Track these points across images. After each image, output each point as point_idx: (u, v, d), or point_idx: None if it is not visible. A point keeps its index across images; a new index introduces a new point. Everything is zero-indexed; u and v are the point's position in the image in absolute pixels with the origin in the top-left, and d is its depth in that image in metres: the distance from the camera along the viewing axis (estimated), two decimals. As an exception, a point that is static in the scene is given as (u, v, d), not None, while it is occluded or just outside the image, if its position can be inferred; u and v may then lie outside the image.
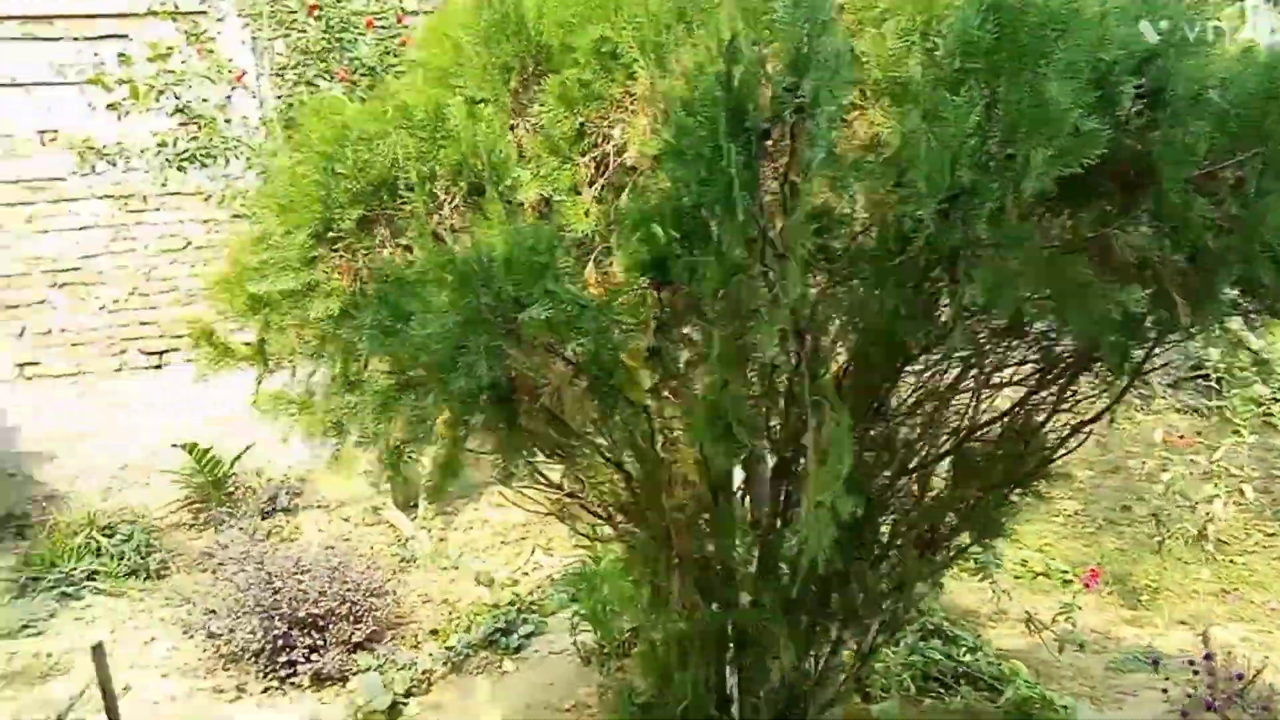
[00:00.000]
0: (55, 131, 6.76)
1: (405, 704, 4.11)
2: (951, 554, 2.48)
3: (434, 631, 4.91)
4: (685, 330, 1.62)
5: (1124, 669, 4.30)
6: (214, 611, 4.59)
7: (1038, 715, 3.43)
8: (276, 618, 4.29)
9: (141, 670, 4.75)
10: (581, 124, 1.93)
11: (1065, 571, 5.13)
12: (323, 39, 5.74)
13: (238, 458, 6.92)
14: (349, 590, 4.49)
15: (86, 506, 6.50)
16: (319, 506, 7.30)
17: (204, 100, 5.71)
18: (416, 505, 6.70)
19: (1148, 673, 4.19)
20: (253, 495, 6.97)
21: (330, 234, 1.81)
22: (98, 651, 3.15)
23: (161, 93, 5.54)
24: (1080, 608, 4.45)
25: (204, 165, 5.91)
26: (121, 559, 6.01)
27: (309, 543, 6.02)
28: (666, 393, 1.69)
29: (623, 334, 1.52)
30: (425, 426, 1.73)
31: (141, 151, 5.84)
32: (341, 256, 1.81)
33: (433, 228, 1.75)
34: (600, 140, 1.98)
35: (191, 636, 4.67)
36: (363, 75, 5.86)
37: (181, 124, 6.68)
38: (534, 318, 1.37)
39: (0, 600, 5.71)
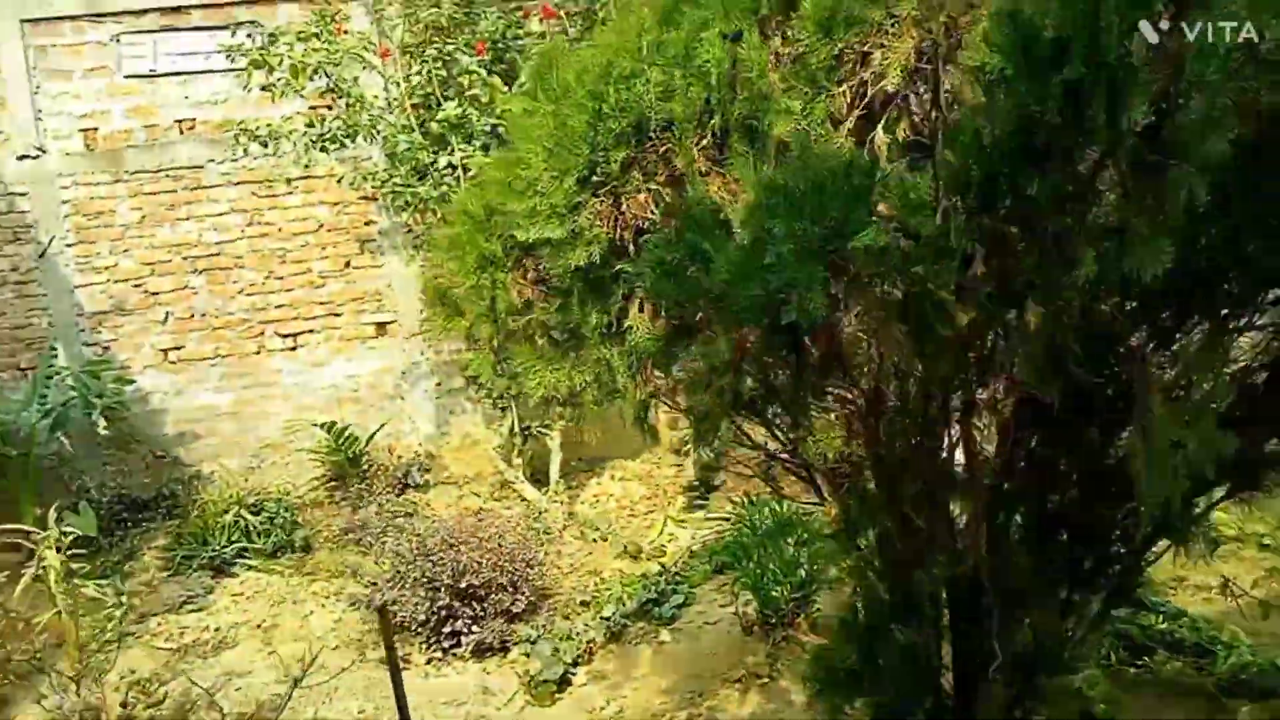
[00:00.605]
0: (193, 120, 6.96)
1: (574, 674, 4.10)
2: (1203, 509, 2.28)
3: (584, 602, 4.89)
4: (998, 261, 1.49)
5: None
6: (375, 584, 4.66)
7: (1261, 683, 3.20)
8: (441, 589, 4.31)
9: (305, 644, 4.86)
10: (840, 50, 1.81)
11: (1264, 535, 4.80)
12: (454, 12, 5.72)
13: (373, 435, 7.05)
14: (505, 561, 4.49)
15: (230, 485, 6.71)
16: (448, 482, 7.40)
17: (353, 79, 5.77)
18: (546, 479, 6.70)
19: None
20: (385, 473, 7.09)
21: (594, 178, 1.73)
22: (383, 614, 3.15)
23: (316, 71, 5.59)
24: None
25: (343, 146, 5.99)
26: (269, 536, 6.17)
27: (445, 517, 6.10)
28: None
29: (939, 266, 1.40)
30: (706, 373, 1.64)
31: (290, 133, 5.95)
32: (603, 202, 1.74)
33: (697, 166, 1.66)
34: (857, 67, 1.86)
35: (357, 609, 4.75)
36: (488, 48, 5.85)
37: (312, 107, 6.81)
38: (862, 246, 1.26)
39: (159, 577, 5.94)
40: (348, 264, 7.18)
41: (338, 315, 7.22)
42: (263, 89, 5.93)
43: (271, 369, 7.16)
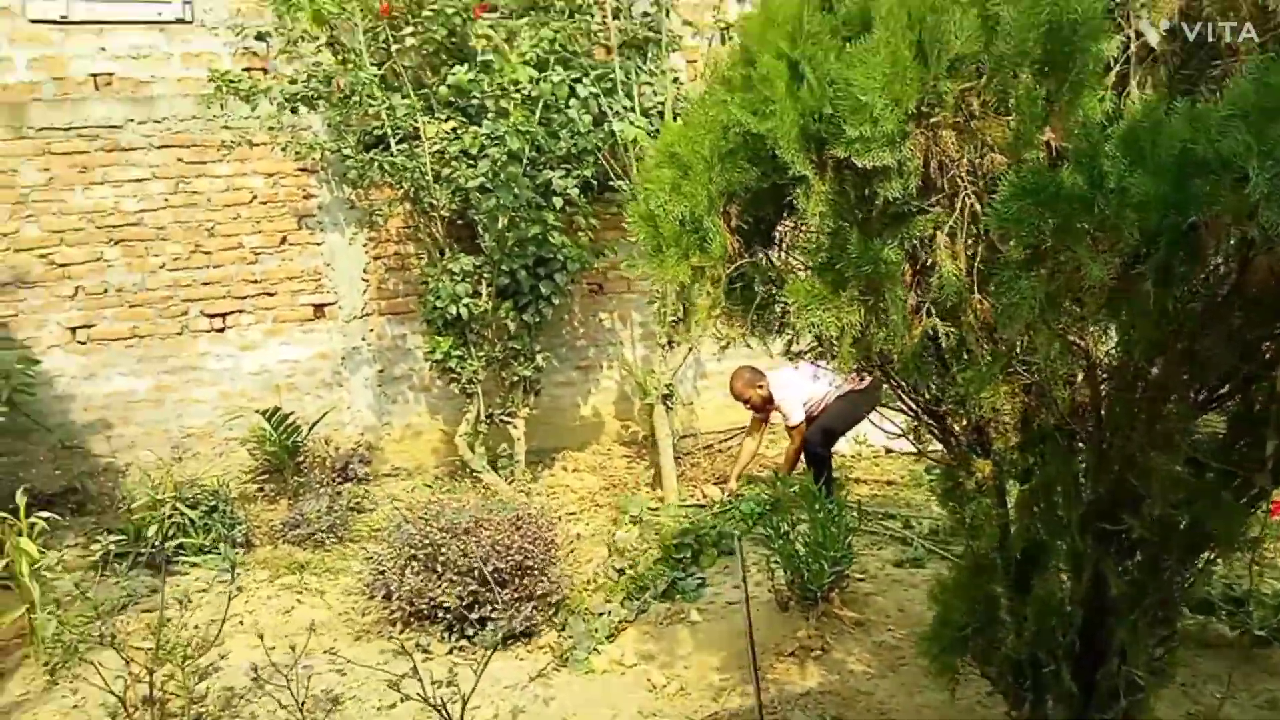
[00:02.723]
0: (110, 75, 6.30)
1: (623, 653, 4.01)
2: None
3: (594, 587, 4.79)
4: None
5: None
6: (383, 573, 4.38)
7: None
8: (466, 574, 4.11)
9: (297, 638, 4.50)
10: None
11: None
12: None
13: (315, 424, 6.60)
14: (528, 544, 4.33)
15: (150, 477, 6.10)
16: (390, 475, 7.04)
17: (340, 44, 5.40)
18: (509, 468, 6.50)
19: None
20: (323, 465, 6.66)
21: (924, 109, 1.73)
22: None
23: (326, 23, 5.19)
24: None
25: (312, 109, 5.60)
26: (208, 531, 5.66)
27: (393, 510, 5.80)
28: None
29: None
30: (1062, 300, 1.67)
31: (266, 90, 5.49)
32: (927, 135, 1.74)
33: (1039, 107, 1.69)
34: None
35: (372, 598, 4.44)
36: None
37: (246, 69, 6.34)
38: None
39: (89, 577, 5.32)
40: (284, 240, 6.71)
41: (271, 295, 6.73)
42: (258, 38, 5.45)
43: (196, 352, 6.58)
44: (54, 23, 6.14)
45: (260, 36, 5.86)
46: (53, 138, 6.16)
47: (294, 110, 5.61)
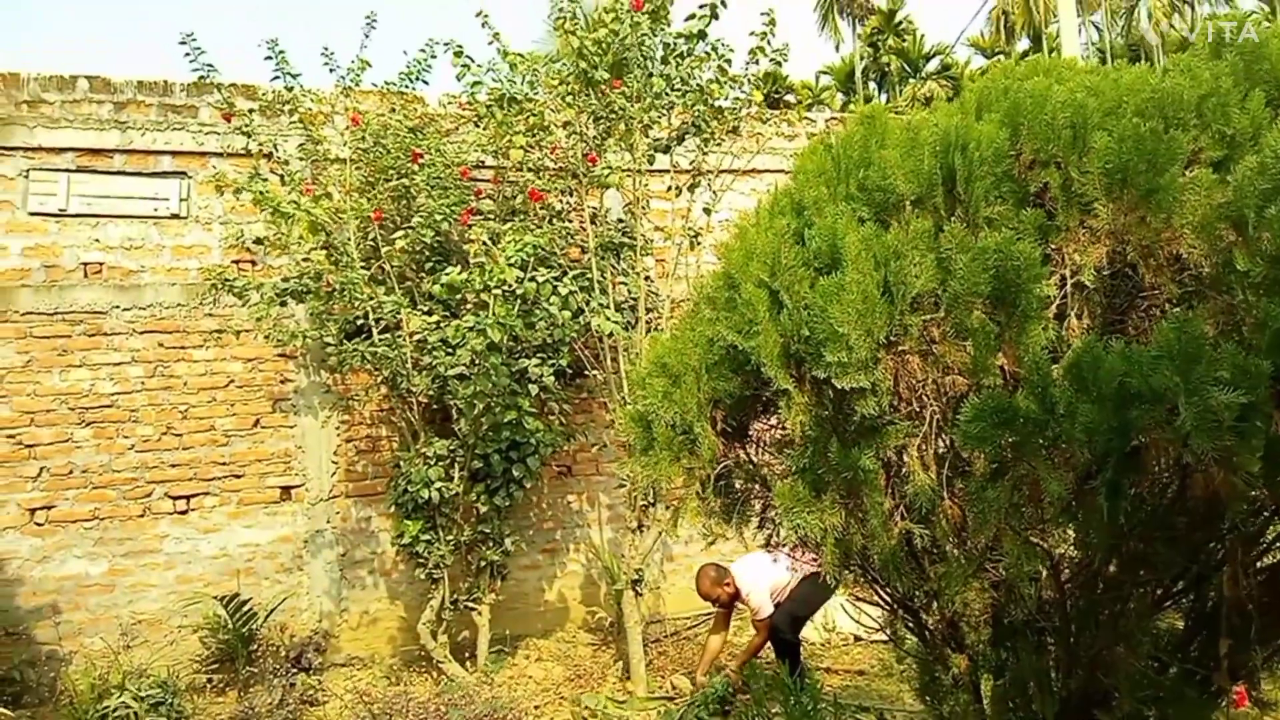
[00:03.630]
0: (100, 264, 6.54)
1: None
2: None
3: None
4: None
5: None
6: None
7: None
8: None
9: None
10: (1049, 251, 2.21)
11: None
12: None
13: (272, 611, 6.43)
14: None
15: (93, 666, 5.85)
16: (343, 665, 6.81)
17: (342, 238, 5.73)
18: (473, 657, 6.34)
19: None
20: (276, 654, 6.44)
21: (892, 339, 1.97)
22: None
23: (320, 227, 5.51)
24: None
25: (300, 302, 5.85)
26: (153, 727, 5.39)
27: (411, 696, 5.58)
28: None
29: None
30: (1024, 508, 1.85)
31: (259, 286, 5.74)
32: (896, 360, 1.97)
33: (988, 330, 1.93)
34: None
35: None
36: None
37: (235, 261, 6.65)
38: None
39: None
40: (257, 422, 6.78)
41: (239, 477, 6.71)
42: (257, 242, 5.75)
43: (155, 534, 6.47)
44: (52, 215, 6.43)
45: (259, 241, 6.20)
46: (36, 322, 6.30)
47: (283, 303, 5.85)
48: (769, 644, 5.80)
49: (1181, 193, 1.97)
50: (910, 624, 2.84)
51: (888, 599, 2.86)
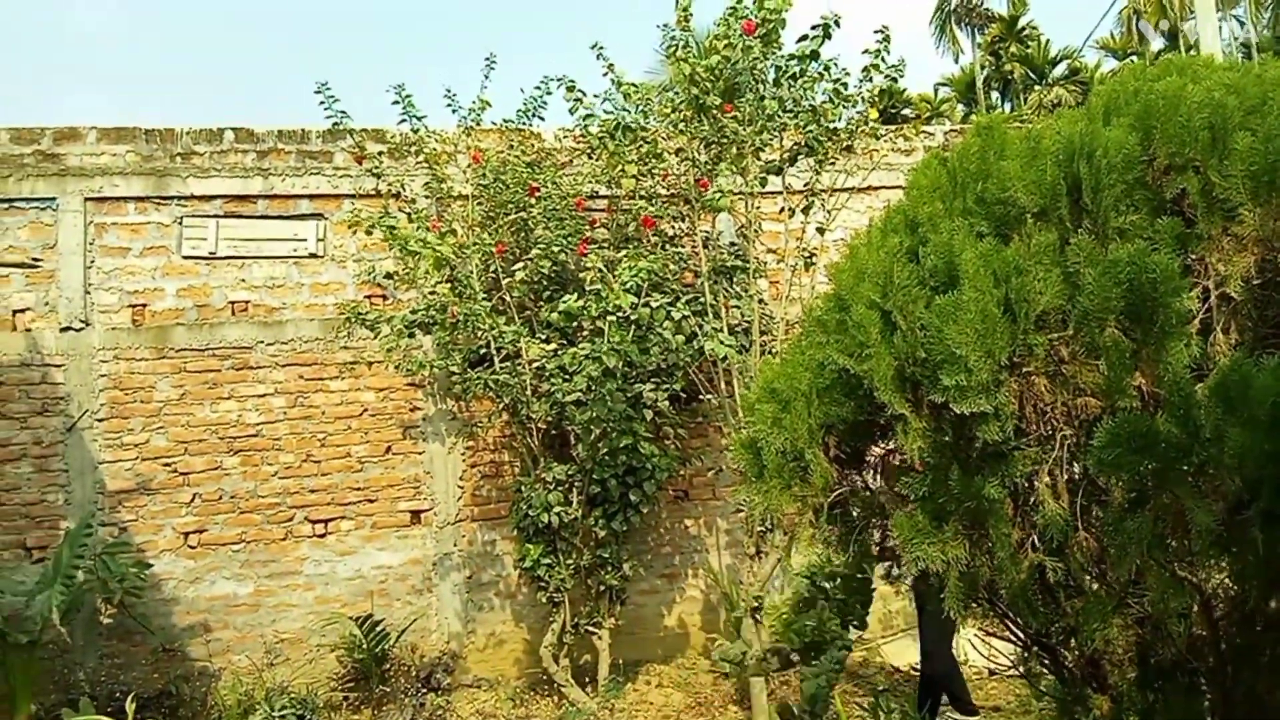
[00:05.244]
0: (246, 303, 6.98)
1: None
2: None
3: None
4: None
5: None
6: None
7: None
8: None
9: None
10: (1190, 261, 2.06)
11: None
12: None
13: (404, 630, 6.66)
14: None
15: (241, 684, 6.19)
16: (470, 686, 6.96)
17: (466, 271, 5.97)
18: (595, 681, 6.37)
19: None
20: (407, 673, 6.66)
21: (1015, 360, 1.88)
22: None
23: (445, 262, 5.77)
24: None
25: (427, 333, 6.09)
26: (295, 742, 5.65)
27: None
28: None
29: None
30: (1169, 540, 1.72)
31: (390, 319, 6.03)
32: (1020, 382, 1.87)
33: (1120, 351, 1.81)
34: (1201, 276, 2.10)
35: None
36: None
37: (367, 296, 6.98)
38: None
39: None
40: (388, 449, 7.06)
41: (372, 502, 7.00)
42: (387, 277, 6.07)
43: (296, 556, 6.82)
44: (202, 258, 6.92)
45: (389, 276, 6.51)
46: (189, 357, 6.78)
47: (411, 335, 6.10)
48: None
49: (1340, 194, 1.81)
50: (1046, 661, 2.67)
51: (1021, 634, 2.71)
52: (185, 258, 6.92)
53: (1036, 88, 38.14)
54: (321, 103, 6.54)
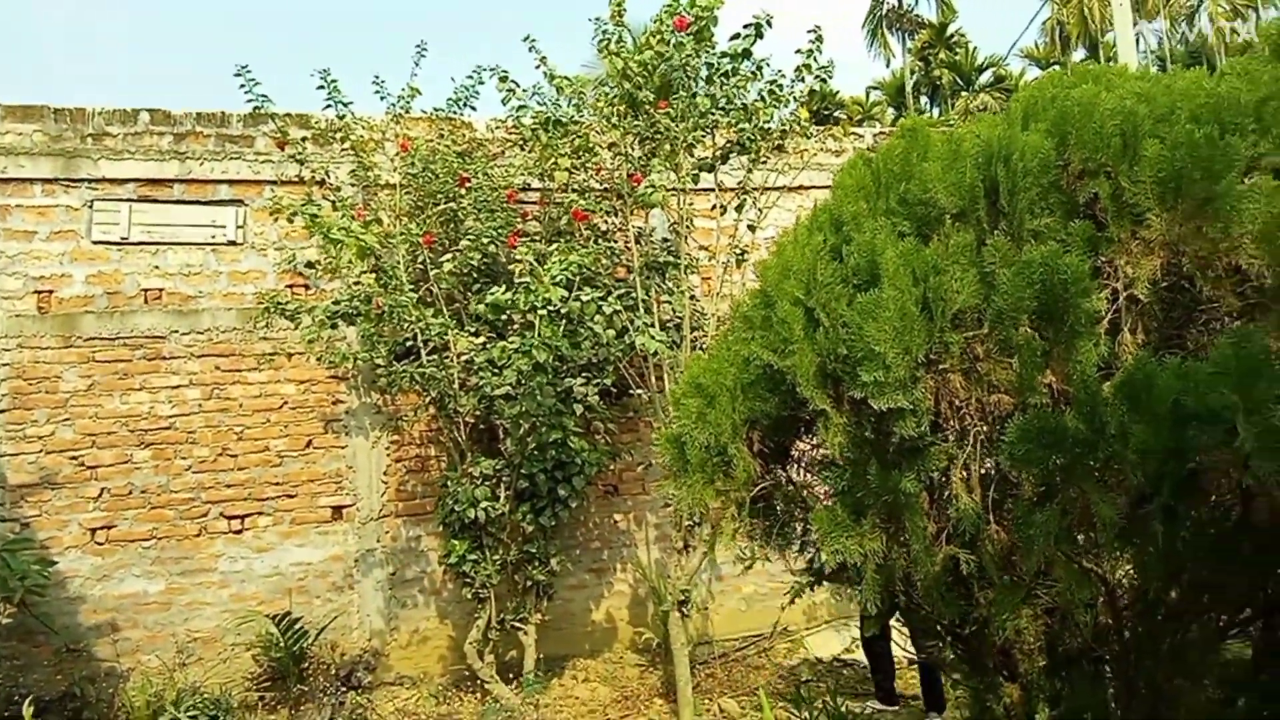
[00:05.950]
0: (159, 290, 6.72)
1: None
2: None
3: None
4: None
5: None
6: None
7: None
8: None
9: None
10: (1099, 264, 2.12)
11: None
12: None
13: (323, 629, 6.50)
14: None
15: (150, 684, 5.96)
16: (393, 684, 6.83)
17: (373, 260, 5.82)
18: (521, 677, 6.32)
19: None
20: (327, 672, 6.50)
21: (932, 357, 1.90)
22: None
23: (369, 252, 5.62)
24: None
25: (351, 324, 5.94)
26: (206, 744, 5.47)
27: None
28: None
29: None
30: (1075, 533, 1.77)
31: (311, 309, 5.86)
32: (936, 379, 1.90)
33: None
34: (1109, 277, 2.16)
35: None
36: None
37: (289, 285, 6.79)
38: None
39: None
40: (309, 443, 6.88)
41: (292, 497, 6.82)
42: (309, 266, 5.87)
43: (210, 553, 6.59)
44: (114, 243, 6.63)
45: (311, 265, 6.32)
46: (99, 346, 6.50)
47: (334, 326, 5.95)
48: None
49: (1240, 201, 1.88)
50: (960, 651, 2.74)
51: (936, 625, 2.76)
52: (95, 243, 6.62)
53: (964, 93, 39.18)
54: (242, 85, 6.33)
